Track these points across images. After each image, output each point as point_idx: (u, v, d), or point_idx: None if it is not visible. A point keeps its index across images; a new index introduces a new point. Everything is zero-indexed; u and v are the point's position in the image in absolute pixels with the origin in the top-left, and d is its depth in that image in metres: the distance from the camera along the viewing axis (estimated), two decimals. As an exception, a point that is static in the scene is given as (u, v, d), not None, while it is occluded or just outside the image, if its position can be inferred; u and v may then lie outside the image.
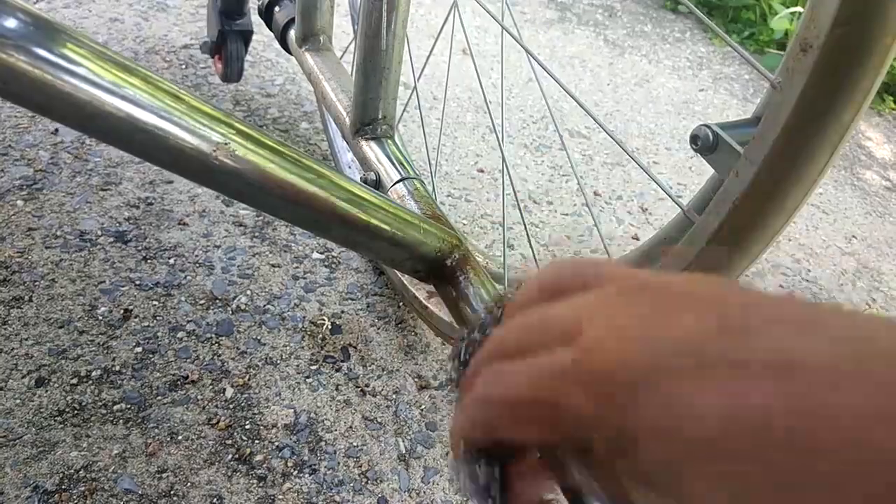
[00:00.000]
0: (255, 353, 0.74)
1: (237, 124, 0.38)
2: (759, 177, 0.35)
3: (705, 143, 0.37)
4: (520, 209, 0.70)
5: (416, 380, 0.76)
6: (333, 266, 0.87)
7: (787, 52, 0.32)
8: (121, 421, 0.65)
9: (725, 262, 0.39)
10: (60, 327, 0.72)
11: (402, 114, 1.03)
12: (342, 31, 1.32)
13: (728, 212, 0.37)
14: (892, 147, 1.62)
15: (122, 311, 0.75)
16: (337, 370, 0.75)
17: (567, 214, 1.10)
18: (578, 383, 0.19)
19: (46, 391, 0.66)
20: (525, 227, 0.74)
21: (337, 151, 0.98)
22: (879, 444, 0.16)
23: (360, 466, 0.66)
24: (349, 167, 0.95)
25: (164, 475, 0.62)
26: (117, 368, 0.69)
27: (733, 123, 0.37)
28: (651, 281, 0.21)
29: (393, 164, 0.58)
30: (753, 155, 0.35)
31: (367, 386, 0.74)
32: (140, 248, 0.83)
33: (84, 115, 0.34)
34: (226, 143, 0.38)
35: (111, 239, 0.83)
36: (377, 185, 0.58)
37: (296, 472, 0.65)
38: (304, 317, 0.80)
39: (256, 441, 0.66)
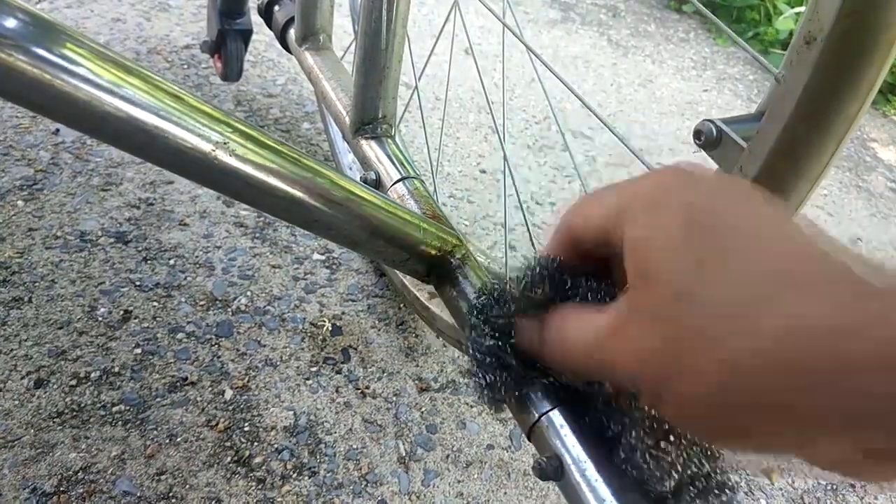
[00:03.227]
0: (254, 354, 0.74)
1: (237, 124, 0.38)
2: (763, 171, 0.34)
3: (709, 139, 0.36)
4: (522, 210, 0.70)
5: (416, 382, 0.76)
6: (334, 267, 0.87)
7: (791, 44, 0.32)
8: (120, 422, 0.64)
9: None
10: (60, 328, 0.71)
11: (404, 114, 1.02)
12: (343, 31, 1.32)
13: (732, 210, 0.37)
14: (897, 148, 1.61)
15: (121, 312, 0.74)
16: (337, 372, 0.74)
17: (569, 215, 1.09)
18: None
19: (45, 392, 0.65)
20: (528, 229, 0.74)
21: (338, 152, 0.97)
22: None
23: (360, 469, 0.66)
24: (350, 168, 0.95)
25: (162, 477, 0.61)
26: (116, 370, 0.69)
27: (737, 118, 0.36)
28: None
29: (393, 163, 0.58)
30: (757, 149, 0.35)
31: (367, 388, 0.73)
32: (140, 248, 0.83)
33: (84, 116, 0.34)
34: (225, 143, 0.37)
35: (111, 239, 0.83)
36: (377, 184, 0.58)
37: (295, 474, 0.64)
38: (304, 318, 0.79)
39: (256, 443, 0.66)
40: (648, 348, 0.24)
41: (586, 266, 0.29)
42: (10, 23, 0.32)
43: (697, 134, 0.37)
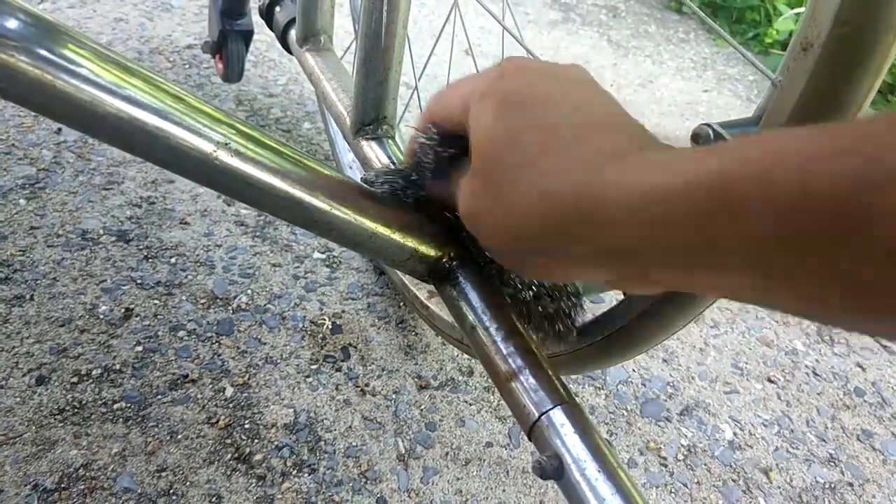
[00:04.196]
0: (255, 352, 0.74)
1: (238, 125, 0.38)
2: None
3: (707, 142, 0.36)
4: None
5: (415, 380, 0.76)
6: (334, 266, 0.87)
7: (787, 50, 0.32)
8: (121, 419, 0.65)
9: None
10: (61, 326, 0.72)
11: (404, 114, 1.03)
12: (343, 31, 1.32)
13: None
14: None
15: (123, 310, 0.75)
16: (337, 370, 0.75)
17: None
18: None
19: (47, 389, 0.66)
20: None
21: (338, 151, 0.98)
22: None
23: (360, 466, 0.66)
24: (350, 167, 0.95)
25: (163, 474, 0.62)
26: (118, 367, 0.69)
27: (735, 122, 0.36)
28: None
29: (393, 163, 0.58)
30: (754, 154, 0.35)
31: (366, 386, 0.74)
32: (141, 247, 0.83)
33: (85, 116, 0.34)
34: (226, 144, 0.38)
35: (113, 238, 0.83)
36: (377, 184, 0.58)
37: (295, 471, 0.65)
38: (304, 316, 0.80)
39: (256, 440, 0.66)
40: (471, 202, 0.32)
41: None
42: (12, 24, 0.32)
43: (695, 137, 0.37)
